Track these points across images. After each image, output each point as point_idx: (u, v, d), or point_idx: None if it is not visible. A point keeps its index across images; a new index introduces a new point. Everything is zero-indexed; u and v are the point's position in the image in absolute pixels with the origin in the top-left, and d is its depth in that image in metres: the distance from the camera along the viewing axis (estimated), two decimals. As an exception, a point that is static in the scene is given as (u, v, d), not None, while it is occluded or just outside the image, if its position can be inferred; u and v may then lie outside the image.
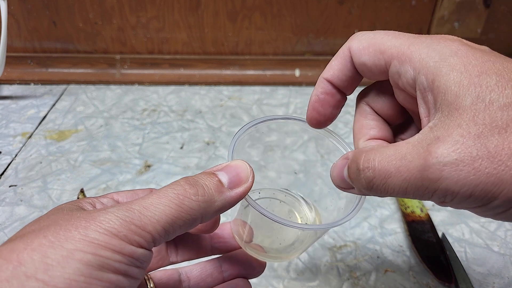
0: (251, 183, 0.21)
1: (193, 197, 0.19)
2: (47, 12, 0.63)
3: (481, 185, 0.16)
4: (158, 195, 0.19)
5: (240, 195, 0.21)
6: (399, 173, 0.18)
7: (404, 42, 0.20)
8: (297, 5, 0.62)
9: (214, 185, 0.20)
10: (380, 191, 0.19)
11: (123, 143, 0.54)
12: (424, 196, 0.18)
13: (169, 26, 0.64)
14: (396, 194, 0.19)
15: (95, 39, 0.65)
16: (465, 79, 0.17)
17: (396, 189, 0.19)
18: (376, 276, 0.37)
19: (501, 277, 0.37)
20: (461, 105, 0.17)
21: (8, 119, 0.58)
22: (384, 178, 0.19)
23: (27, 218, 0.43)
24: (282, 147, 0.55)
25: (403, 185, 0.18)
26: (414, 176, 0.18)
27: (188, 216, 0.19)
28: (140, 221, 0.18)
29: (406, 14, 0.62)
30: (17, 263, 0.15)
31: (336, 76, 0.25)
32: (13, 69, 0.66)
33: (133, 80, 0.66)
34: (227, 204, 0.21)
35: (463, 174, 0.16)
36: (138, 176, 0.48)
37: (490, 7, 0.60)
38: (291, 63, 0.66)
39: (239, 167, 0.22)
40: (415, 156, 0.18)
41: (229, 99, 0.63)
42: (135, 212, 0.18)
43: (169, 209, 0.18)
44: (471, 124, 0.17)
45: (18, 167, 0.50)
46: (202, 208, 0.19)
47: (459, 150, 0.17)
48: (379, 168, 0.19)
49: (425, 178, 0.17)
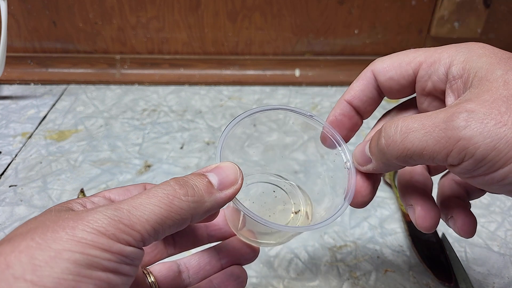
0: (240, 185, 0.22)
1: (183, 197, 0.19)
2: (47, 12, 0.63)
3: (506, 138, 0.16)
4: (147, 195, 0.19)
5: (229, 197, 0.21)
6: (422, 126, 0.19)
7: (427, 51, 0.22)
8: (297, 5, 0.62)
9: (204, 186, 0.20)
10: (397, 149, 0.20)
11: (123, 143, 0.54)
12: (442, 153, 0.18)
13: (169, 26, 0.64)
14: (412, 153, 0.19)
15: (95, 39, 0.65)
16: (495, 60, 0.19)
17: (416, 144, 0.19)
18: (376, 276, 0.37)
19: (501, 277, 0.37)
20: (491, 76, 0.18)
21: (8, 119, 0.58)
22: (405, 132, 0.19)
23: (27, 218, 0.43)
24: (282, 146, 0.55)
25: (424, 138, 0.18)
26: (439, 127, 0.18)
27: (177, 216, 0.19)
28: (129, 220, 0.18)
29: (406, 14, 0.62)
30: (5, 266, 0.15)
31: (357, 97, 0.25)
32: (13, 69, 0.66)
33: (133, 80, 0.66)
34: (216, 205, 0.21)
35: (489, 126, 0.17)
36: (138, 176, 0.48)
37: (490, 7, 0.60)
38: (291, 63, 0.66)
39: (228, 169, 0.22)
40: (442, 112, 0.19)
41: (229, 99, 0.63)
42: (124, 211, 0.18)
43: (159, 209, 0.18)
44: (502, 89, 0.18)
45: (18, 167, 0.50)
46: (192, 208, 0.19)
47: (488, 106, 0.17)
48: (401, 125, 0.20)
49: (449, 128, 0.18)
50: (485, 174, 0.18)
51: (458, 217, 0.24)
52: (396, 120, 0.20)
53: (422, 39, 0.65)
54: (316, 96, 0.63)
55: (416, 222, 0.23)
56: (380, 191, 0.46)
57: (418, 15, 0.62)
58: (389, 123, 0.21)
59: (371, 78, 0.25)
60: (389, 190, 0.47)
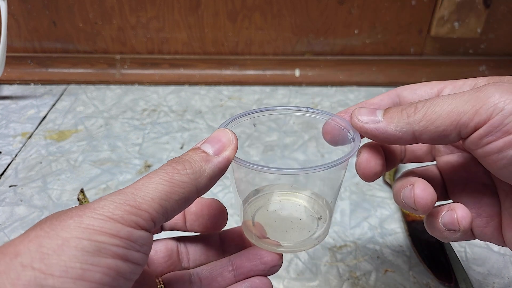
0: (236, 144, 0.22)
1: (182, 171, 0.20)
2: (47, 12, 0.63)
3: None
4: (148, 176, 0.19)
5: (228, 158, 0.21)
6: (452, 96, 0.20)
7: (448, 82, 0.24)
8: (297, 5, 0.62)
9: (199, 157, 0.21)
10: (425, 113, 0.20)
11: (123, 143, 0.54)
12: (470, 111, 0.19)
13: (169, 26, 0.64)
14: (438, 116, 0.20)
15: (95, 39, 0.65)
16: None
17: (444, 107, 0.20)
18: (376, 276, 0.37)
19: (501, 277, 0.37)
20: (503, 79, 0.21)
21: (8, 119, 0.58)
22: (436, 100, 0.20)
23: (27, 218, 0.43)
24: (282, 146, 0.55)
25: (453, 102, 0.20)
26: (469, 93, 0.20)
27: (181, 190, 0.19)
28: (135, 201, 0.18)
29: (406, 14, 0.62)
30: (14, 255, 0.15)
31: (374, 104, 0.26)
32: (13, 69, 0.66)
33: (133, 80, 0.66)
34: (217, 170, 0.21)
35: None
36: (138, 176, 0.48)
37: (490, 7, 0.60)
38: (291, 63, 0.66)
39: (220, 134, 0.22)
40: (470, 89, 0.20)
41: (229, 99, 0.63)
42: (128, 194, 0.18)
43: (161, 186, 0.19)
44: None
45: (18, 167, 0.50)
46: (193, 179, 0.20)
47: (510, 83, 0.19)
48: (434, 99, 0.21)
49: (480, 91, 0.19)
50: (507, 134, 0.19)
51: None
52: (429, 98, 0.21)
53: (422, 39, 0.65)
54: (316, 96, 0.63)
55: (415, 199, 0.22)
56: (380, 191, 0.46)
57: (418, 15, 0.62)
58: (423, 100, 0.21)
59: (394, 95, 0.26)
60: (389, 190, 0.47)
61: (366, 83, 0.65)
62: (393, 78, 0.65)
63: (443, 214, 0.22)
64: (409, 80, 0.65)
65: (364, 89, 0.65)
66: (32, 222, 0.42)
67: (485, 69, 0.66)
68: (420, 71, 0.66)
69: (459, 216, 0.22)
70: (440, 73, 0.66)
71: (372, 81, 0.65)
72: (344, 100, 0.62)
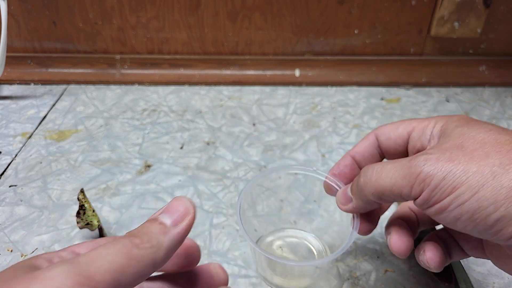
0: (193, 214, 0.22)
1: (140, 245, 0.19)
2: (47, 12, 0.63)
3: (452, 171, 0.22)
4: (105, 247, 0.19)
5: (185, 229, 0.21)
6: (393, 167, 0.25)
7: (419, 119, 0.28)
8: (297, 5, 0.62)
9: (157, 229, 0.20)
10: (373, 187, 0.26)
11: (123, 143, 0.54)
12: (407, 186, 0.24)
13: (169, 26, 0.64)
14: (384, 189, 0.25)
15: (95, 39, 0.65)
16: (463, 123, 0.25)
17: (387, 181, 0.25)
18: (376, 276, 0.37)
19: (501, 277, 0.37)
20: (452, 132, 0.25)
21: (8, 119, 0.58)
22: (379, 172, 0.25)
23: (27, 218, 0.43)
24: (281, 146, 0.55)
25: (393, 176, 0.25)
26: (405, 166, 0.24)
27: (138, 263, 0.19)
28: (88, 272, 0.17)
29: (406, 14, 0.63)
30: None
31: (359, 153, 0.31)
32: (13, 69, 0.66)
33: (133, 80, 0.66)
34: (175, 242, 0.21)
35: (441, 163, 0.23)
36: (138, 176, 0.48)
37: (490, 7, 0.60)
38: (291, 63, 0.66)
39: (177, 203, 0.22)
40: (409, 157, 0.25)
41: (229, 99, 0.63)
42: (82, 264, 0.17)
43: (117, 258, 0.18)
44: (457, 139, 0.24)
45: (18, 167, 0.50)
46: (151, 253, 0.19)
47: (442, 151, 0.23)
48: (377, 167, 0.26)
49: (412, 165, 0.24)
50: (437, 202, 0.23)
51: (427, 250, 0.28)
52: (373, 164, 0.26)
53: (422, 39, 0.65)
54: (316, 96, 0.63)
55: (390, 247, 0.28)
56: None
57: (418, 15, 0.63)
58: (368, 166, 0.27)
59: (374, 139, 0.31)
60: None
61: (366, 83, 0.66)
62: (393, 78, 0.65)
63: (419, 253, 0.28)
64: (409, 80, 0.65)
65: (364, 89, 0.65)
66: (32, 222, 0.42)
67: (485, 69, 0.66)
68: (420, 71, 0.66)
69: (428, 258, 0.27)
70: (440, 73, 0.66)
71: (372, 81, 0.65)
72: (344, 100, 0.62)
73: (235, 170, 0.49)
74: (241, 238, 0.41)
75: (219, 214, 0.43)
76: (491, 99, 0.63)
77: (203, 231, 0.41)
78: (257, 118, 0.59)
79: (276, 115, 0.59)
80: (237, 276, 0.37)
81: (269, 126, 0.57)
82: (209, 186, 0.47)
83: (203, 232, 0.41)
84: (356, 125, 0.57)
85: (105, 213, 0.43)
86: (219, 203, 0.45)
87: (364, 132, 0.55)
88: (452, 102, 0.62)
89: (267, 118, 0.59)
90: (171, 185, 0.47)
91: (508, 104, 0.62)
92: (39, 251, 0.39)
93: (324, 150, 0.52)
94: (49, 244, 0.40)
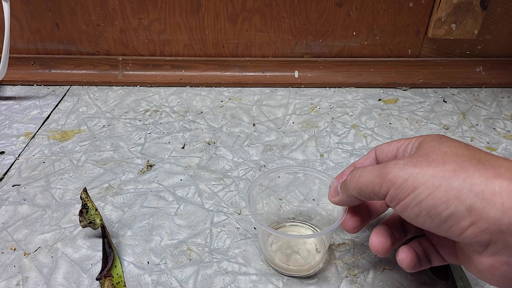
0: None
1: None
2: (50, 14, 0.64)
3: (413, 175, 0.26)
4: None
5: None
6: (371, 169, 0.29)
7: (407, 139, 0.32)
8: (296, 8, 0.63)
9: None
10: (354, 183, 0.30)
11: (125, 143, 0.54)
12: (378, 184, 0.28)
13: (170, 28, 0.65)
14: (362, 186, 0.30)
15: (97, 41, 0.66)
16: (436, 138, 0.29)
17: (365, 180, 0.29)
18: (374, 274, 0.38)
19: (496, 274, 0.38)
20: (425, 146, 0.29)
21: (11, 119, 0.59)
22: (361, 171, 0.30)
23: (30, 217, 0.44)
24: (280, 146, 0.55)
25: (370, 175, 0.29)
26: (379, 168, 0.29)
27: None
28: None
29: (404, 16, 0.63)
30: None
31: (360, 163, 0.36)
32: (16, 70, 0.67)
33: (135, 81, 0.67)
34: None
35: (406, 167, 0.27)
36: (140, 175, 0.49)
37: (487, 8, 0.61)
38: (290, 65, 0.67)
39: None
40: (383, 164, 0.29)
41: (229, 100, 0.64)
42: None
43: None
44: (426, 150, 0.28)
45: (21, 167, 0.50)
46: None
47: (409, 158, 0.27)
48: (361, 169, 0.31)
49: (384, 167, 0.28)
50: (401, 200, 0.27)
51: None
52: (360, 167, 0.31)
53: (420, 40, 0.65)
54: (315, 97, 0.64)
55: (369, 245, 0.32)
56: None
57: (416, 17, 0.63)
58: (355, 168, 0.31)
59: (373, 154, 0.36)
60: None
61: (364, 84, 0.66)
62: (391, 79, 0.66)
63: (396, 255, 0.32)
64: (406, 81, 0.66)
65: (362, 90, 0.66)
66: (35, 220, 0.43)
67: (482, 70, 0.67)
68: (418, 72, 0.66)
69: (400, 258, 0.31)
70: (437, 74, 0.66)
71: (370, 82, 0.66)
72: (342, 101, 0.63)
73: (236, 169, 0.50)
74: (242, 236, 0.41)
75: (219, 212, 0.44)
76: (488, 100, 0.64)
77: (204, 229, 0.42)
78: (257, 119, 0.59)
79: (275, 116, 0.60)
80: (237, 273, 0.38)
81: (268, 126, 0.57)
82: (210, 185, 0.47)
83: (204, 230, 0.42)
84: (354, 125, 0.58)
85: (108, 211, 0.44)
86: (220, 202, 0.45)
87: (362, 132, 0.56)
88: (449, 103, 0.63)
89: (267, 118, 0.59)
90: (172, 184, 0.47)
91: (504, 104, 0.63)
92: (42, 249, 0.40)
93: (322, 150, 0.53)
94: (52, 243, 0.41)
